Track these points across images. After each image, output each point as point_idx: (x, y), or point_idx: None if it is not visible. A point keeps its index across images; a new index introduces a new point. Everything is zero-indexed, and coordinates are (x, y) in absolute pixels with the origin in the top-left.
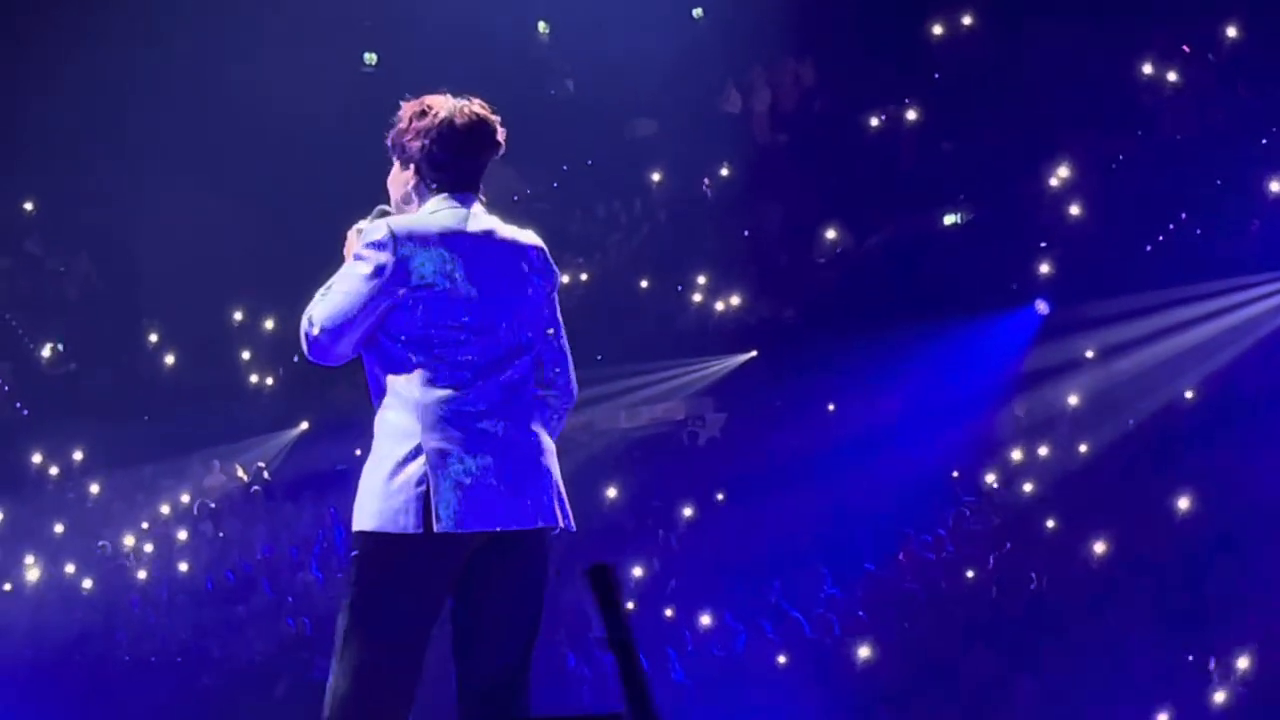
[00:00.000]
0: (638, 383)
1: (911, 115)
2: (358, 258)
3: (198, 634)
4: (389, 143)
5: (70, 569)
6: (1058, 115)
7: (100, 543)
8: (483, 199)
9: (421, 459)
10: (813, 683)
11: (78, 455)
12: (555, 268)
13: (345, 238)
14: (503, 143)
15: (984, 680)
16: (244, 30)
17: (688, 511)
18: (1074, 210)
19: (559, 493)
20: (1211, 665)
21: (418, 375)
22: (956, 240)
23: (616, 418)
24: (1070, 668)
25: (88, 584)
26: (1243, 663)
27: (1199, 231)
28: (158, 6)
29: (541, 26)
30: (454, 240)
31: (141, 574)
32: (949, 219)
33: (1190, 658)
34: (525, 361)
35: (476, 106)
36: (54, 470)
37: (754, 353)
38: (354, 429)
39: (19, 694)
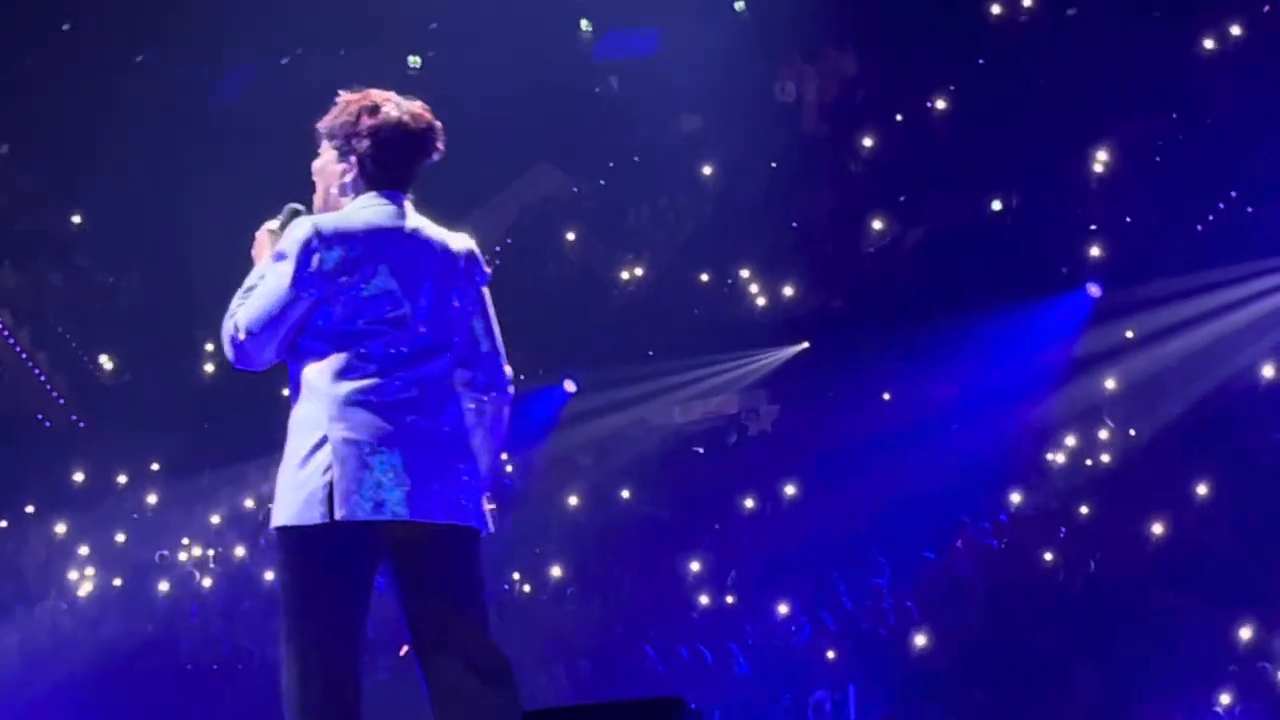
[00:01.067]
0: (690, 377)
1: (957, 101)
2: (280, 256)
3: (259, 641)
4: (324, 129)
5: (130, 579)
6: (1105, 96)
7: (159, 552)
8: (410, 198)
9: (327, 448)
10: (873, 672)
11: (135, 466)
12: (486, 268)
13: (255, 238)
14: (442, 149)
15: (1043, 667)
16: (290, 37)
17: (744, 505)
18: (1123, 191)
19: (475, 491)
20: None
21: (329, 368)
22: (1005, 225)
23: (670, 413)
24: (1130, 652)
25: (148, 594)
26: None
27: (1250, 210)
28: (203, 17)
29: (584, 24)
30: (379, 236)
31: (202, 582)
32: (997, 204)
33: (1250, 640)
34: (447, 358)
35: (421, 109)
36: (111, 481)
37: (805, 344)
38: None
39: (81, 705)
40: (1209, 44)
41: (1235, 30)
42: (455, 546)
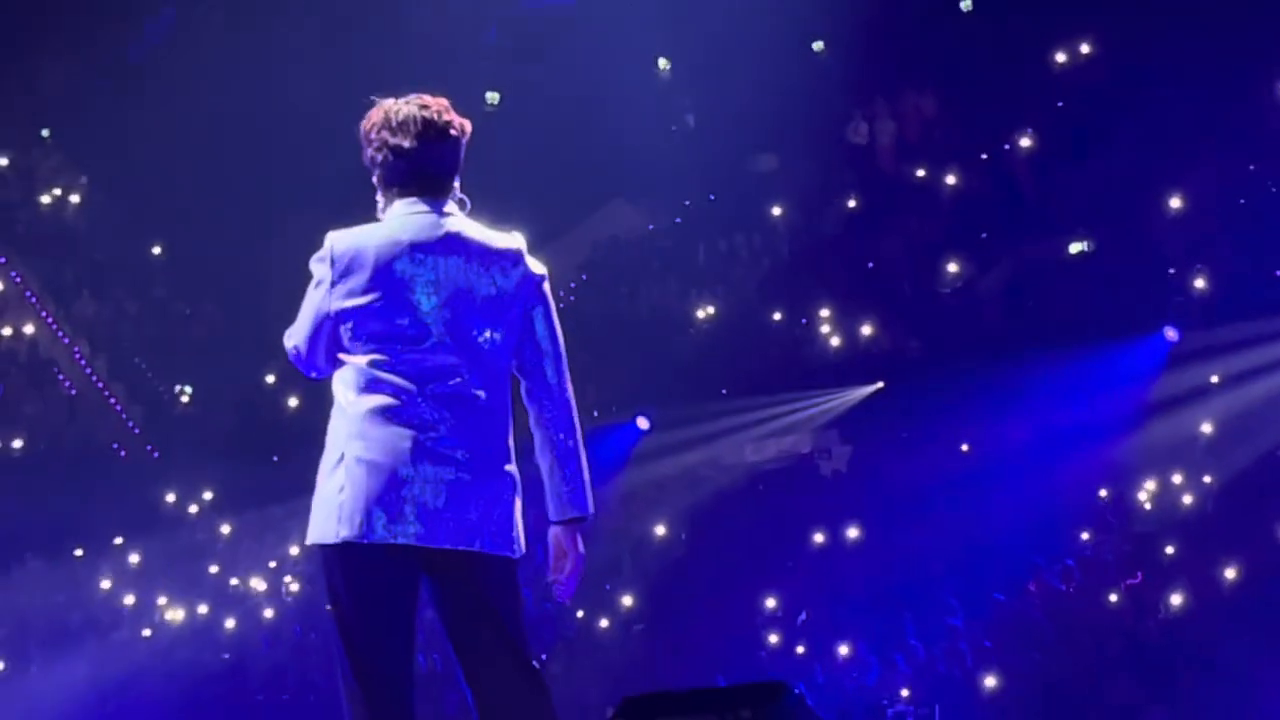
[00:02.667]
0: (763, 415)
1: (1035, 142)
2: (310, 272)
3: (328, 673)
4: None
5: (202, 609)
6: (1184, 138)
7: (231, 582)
8: (460, 199)
9: (343, 467)
10: (944, 714)
11: (208, 496)
12: (537, 270)
13: None
14: (460, 137)
15: (1117, 711)
16: (365, 71)
17: (816, 543)
18: (1202, 235)
19: (498, 516)
20: None
21: (352, 385)
22: (1083, 268)
23: (742, 451)
24: (1203, 701)
25: (219, 623)
26: None
27: None
28: (283, 50)
29: (662, 63)
30: (403, 249)
31: (271, 613)
32: (1075, 247)
33: None
34: (481, 372)
35: (426, 102)
36: (186, 511)
37: (879, 384)
38: None
39: None
40: None
41: None
42: (477, 571)
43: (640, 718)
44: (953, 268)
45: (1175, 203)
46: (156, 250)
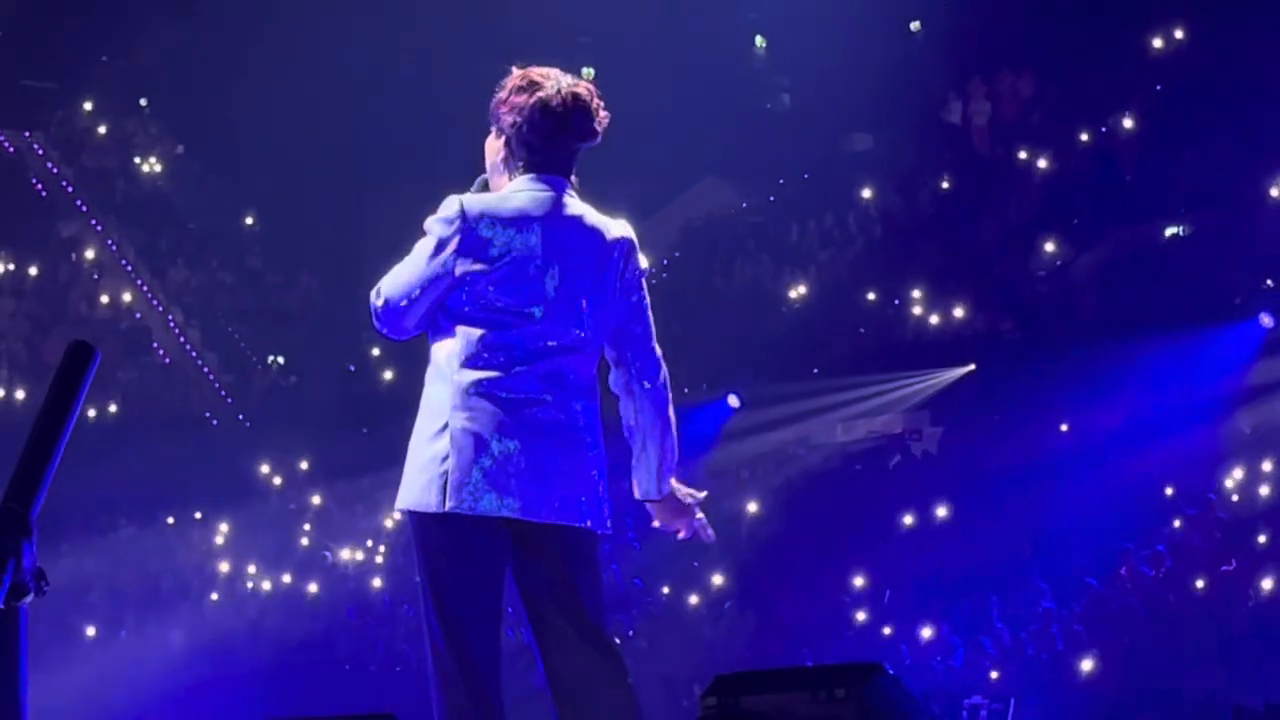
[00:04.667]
0: (854, 396)
1: (1132, 126)
2: (425, 231)
3: (415, 644)
4: (490, 110)
5: (292, 578)
6: None
7: (321, 552)
8: (574, 182)
9: (447, 436)
10: (1033, 699)
11: (300, 466)
12: (641, 262)
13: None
14: (600, 130)
15: (1208, 698)
16: (461, 39)
17: (905, 524)
18: None
19: (595, 492)
20: None
21: (459, 353)
22: (1178, 252)
23: (833, 431)
24: None
25: (308, 593)
26: None
27: None
28: (382, 22)
29: (759, 40)
30: (529, 223)
31: (361, 584)
32: (1170, 231)
33: None
34: (582, 354)
35: (580, 89)
36: (277, 481)
37: (971, 366)
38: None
39: (240, 700)
40: None
41: None
42: (571, 546)
43: (733, 694)
44: (1047, 250)
45: (1274, 189)
46: (250, 220)
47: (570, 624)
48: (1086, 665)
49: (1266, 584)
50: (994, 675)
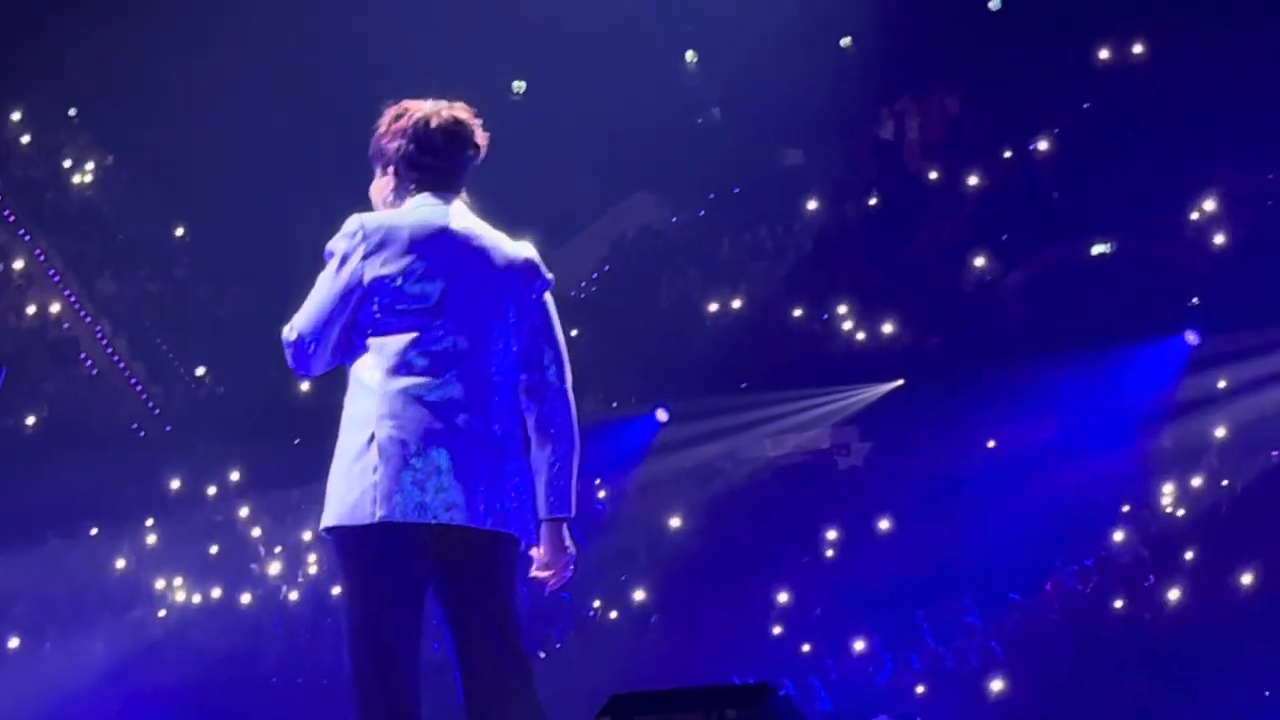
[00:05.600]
0: (782, 410)
1: (1060, 143)
2: (328, 254)
3: (342, 657)
4: (370, 153)
5: (219, 591)
6: (1211, 143)
7: (248, 565)
8: (465, 200)
9: (374, 447)
10: (957, 714)
11: (227, 478)
12: (547, 274)
13: None
14: (482, 145)
15: (1132, 713)
16: (391, 56)
17: (832, 539)
18: (1226, 239)
19: (523, 498)
20: None
21: (380, 365)
22: (1105, 269)
23: (761, 445)
24: (1220, 700)
25: (234, 606)
26: None
27: None
28: (311, 33)
29: (690, 55)
30: (429, 236)
31: (288, 596)
32: (1098, 248)
33: None
34: (500, 360)
35: (458, 109)
36: (204, 493)
37: (900, 381)
38: None
39: (165, 713)
40: None
41: None
42: (498, 553)
43: (627, 715)
44: (975, 266)
45: (1198, 206)
46: (179, 231)
47: (491, 633)
48: (999, 684)
49: (1192, 601)
50: (920, 690)
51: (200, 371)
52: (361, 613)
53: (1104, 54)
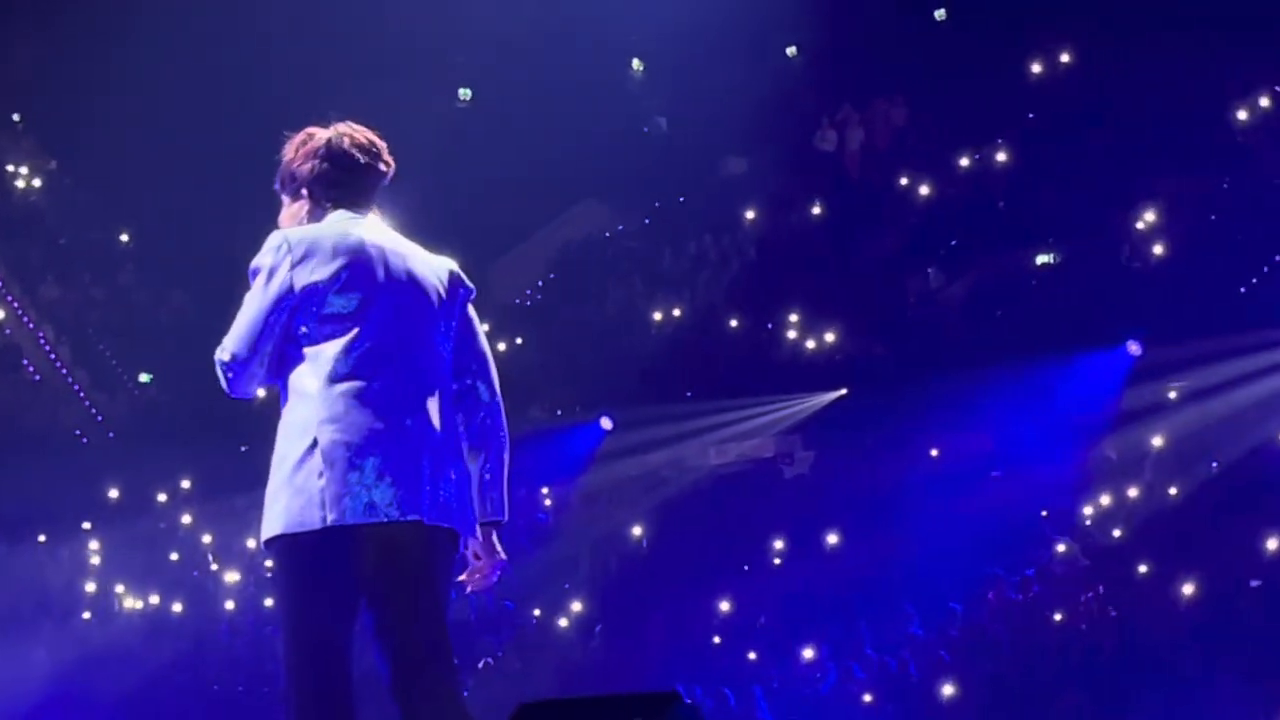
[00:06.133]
0: (727, 419)
1: (1005, 155)
2: (254, 272)
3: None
4: (277, 183)
5: (161, 599)
6: (1153, 155)
7: (191, 573)
8: (375, 210)
9: (317, 453)
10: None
11: (171, 485)
12: (469, 284)
13: None
14: (391, 162)
15: None
16: (336, 64)
17: (776, 548)
18: (1168, 250)
19: (463, 498)
20: None
21: (318, 371)
22: (1049, 280)
23: (705, 454)
24: (1159, 709)
25: (178, 613)
26: None
27: None
28: (257, 39)
29: (636, 64)
30: (352, 245)
31: (231, 605)
32: (1042, 259)
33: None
34: (431, 365)
35: (361, 130)
36: (146, 499)
37: (843, 390)
38: None
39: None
40: (1260, 106)
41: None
42: (438, 548)
43: None
44: (920, 276)
45: (1142, 217)
46: (124, 237)
47: (423, 625)
48: (945, 690)
49: (1133, 609)
50: (867, 698)
51: (144, 378)
52: (306, 619)
53: (1048, 65)
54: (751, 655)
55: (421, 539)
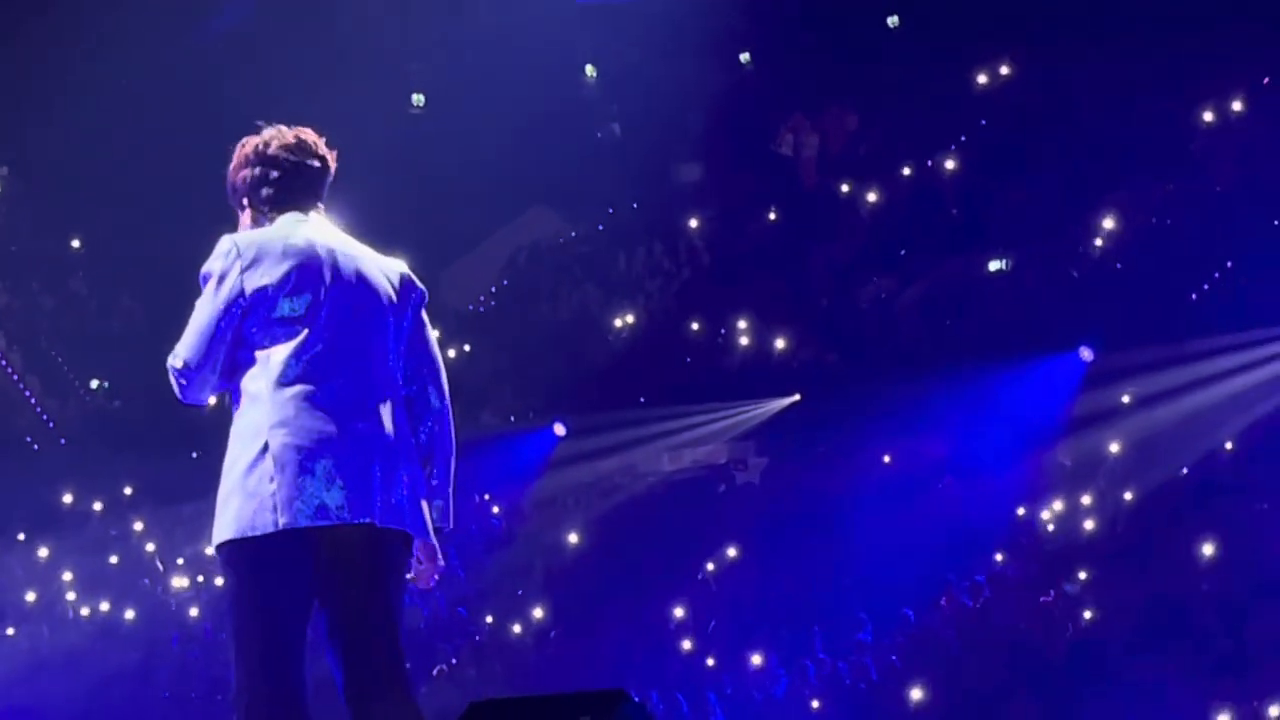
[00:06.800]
0: (679, 425)
1: (957, 160)
2: (204, 278)
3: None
4: (228, 196)
5: (112, 605)
6: (1104, 162)
7: (142, 579)
8: (322, 209)
9: (269, 457)
10: None
11: (122, 491)
12: (421, 286)
13: None
14: (326, 157)
15: None
16: (288, 69)
17: (728, 554)
18: (1120, 257)
19: (414, 500)
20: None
21: (271, 374)
22: (1001, 286)
23: (659, 460)
24: (1110, 713)
25: (128, 620)
26: (1276, 710)
27: (1244, 281)
28: (208, 44)
29: (589, 69)
30: (301, 248)
31: (184, 611)
32: (994, 265)
33: (1229, 704)
34: (383, 368)
35: (298, 130)
36: (97, 506)
37: (796, 396)
38: None
39: None
40: (1209, 116)
41: (1236, 105)
42: (390, 550)
43: None
44: (872, 282)
45: (1094, 224)
46: (75, 243)
47: (376, 627)
48: (899, 696)
49: (1085, 615)
50: (815, 705)
51: (95, 384)
52: (258, 623)
53: (1000, 72)
54: (710, 661)
55: (373, 542)
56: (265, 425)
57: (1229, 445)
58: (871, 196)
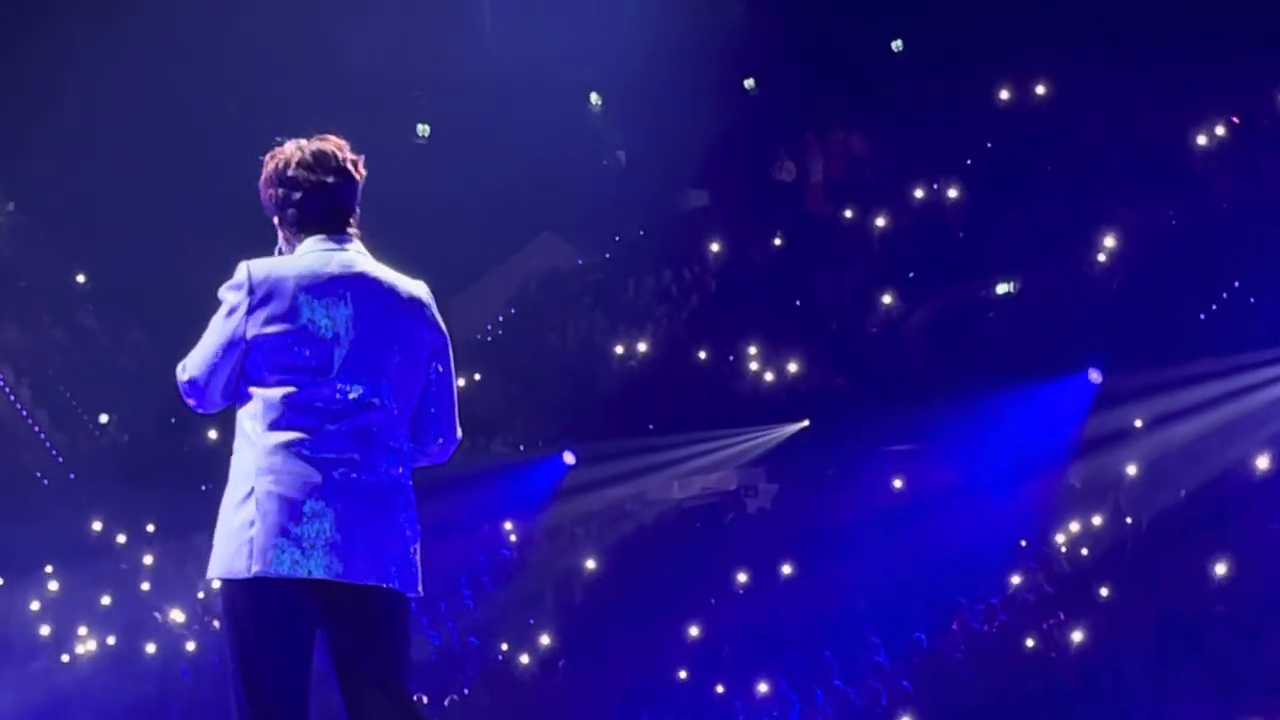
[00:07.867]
0: (690, 452)
1: (964, 184)
2: (220, 300)
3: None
4: (264, 206)
5: (124, 639)
6: (1112, 183)
7: (154, 613)
8: (355, 232)
9: (252, 501)
10: None
11: (131, 526)
12: (440, 322)
13: None
14: (354, 170)
15: None
16: (296, 101)
17: (740, 580)
18: (1127, 279)
19: (405, 554)
20: None
21: (264, 417)
22: (1010, 309)
23: (669, 487)
24: None
25: (141, 654)
26: None
27: (1252, 300)
28: (208, 77)
29: (594, 97)
30: (316, 283)
31: (193, 644)
32: (1002, 287)
33: None
34: (386, 411)
35: (321, 141)
36: (109, 540)
37: (806, 422)
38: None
39: None
40: (1215, 134)
41: (1240, 123)
42: (380, 607)
43: None
44: (880, 306)
45: (1101, 246)
46: (81, 278)
47: (375, 685)
48: None
49: (1097, 638)
50: None
51: (104, 419)
52: (240, 662)
53: (1006, 95)
54: (721, 688)
55: (357, 598)
56: (253, 470)
57: (1238, 466)
58: (879, 221)
